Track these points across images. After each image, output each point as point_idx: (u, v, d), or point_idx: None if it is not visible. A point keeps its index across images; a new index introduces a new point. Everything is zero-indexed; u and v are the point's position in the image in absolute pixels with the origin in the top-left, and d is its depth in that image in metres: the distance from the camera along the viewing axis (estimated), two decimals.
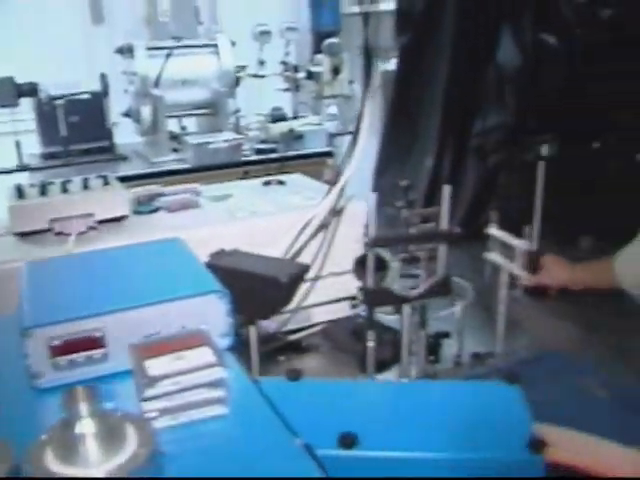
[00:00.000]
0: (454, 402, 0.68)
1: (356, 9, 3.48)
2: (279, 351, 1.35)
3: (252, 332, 0.97)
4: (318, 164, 2.95)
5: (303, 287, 1.29)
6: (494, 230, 1.05)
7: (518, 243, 0.98)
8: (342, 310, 1.38)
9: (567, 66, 1.86)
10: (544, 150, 1.50)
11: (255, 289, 0.88)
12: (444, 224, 0.90)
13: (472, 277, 1.28)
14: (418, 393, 0.71)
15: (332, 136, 3.12)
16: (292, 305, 1.26)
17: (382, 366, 1.12)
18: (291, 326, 1.38)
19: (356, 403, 0.68)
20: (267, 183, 1.66)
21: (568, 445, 0.62)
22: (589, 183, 1.81)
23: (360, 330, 1.18)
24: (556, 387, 0.88)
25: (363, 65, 1.19)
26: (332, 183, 2.97)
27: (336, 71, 3.08)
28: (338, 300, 1.37)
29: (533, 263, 1.57)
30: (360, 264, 0.91)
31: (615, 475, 0.60)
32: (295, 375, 0.71)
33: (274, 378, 0.77)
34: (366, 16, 1.10)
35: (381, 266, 0.95)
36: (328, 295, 1.38)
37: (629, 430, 0.77)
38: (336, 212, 1.24)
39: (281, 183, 1.65)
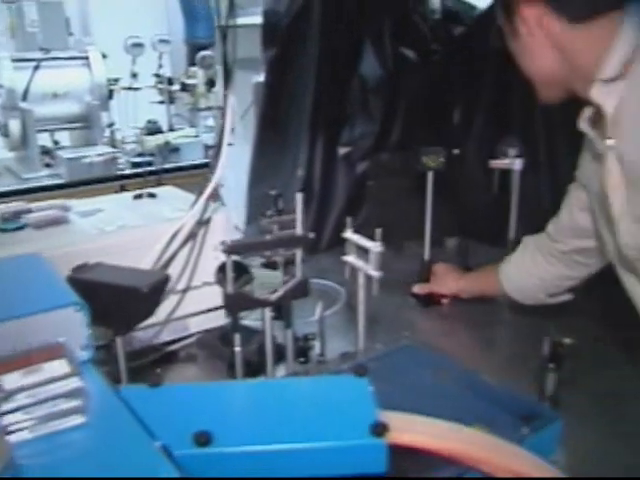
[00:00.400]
0: (305, 396, 0.72)
1: (231, 21, 3.52)
2: (156, 363, 1.35)
3: (119, 344, 0.98)
4: (196, 176, 2.96)
5: (174, 298, 1.32)
6: (349, 234, 1.12)
7: (371, 245, 1.05)
8: (219, 318, 1.40)
9: (425, 78, 1.98)
10: (431, 160, 1.58)
11: (117, 300, 0.90)
12: (299, 230, 0.95)
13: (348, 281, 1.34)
14: (273, 390, 0.74)
15: (209, 148, 3.14)
16: (163, 316, 1.28)
17: (259, 369, 1.16)
18: (168, 337, 1.40)
19: (214, 403, 0.70)
20: (138, 197, 1.65)
21: (408, 427, 0.67)
22: (451, 187, 1.92)
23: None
24: (410, 377, 0.95)
25: (223, 78, 1.22)
26: (211, 195, 2.96)
27: (211, 83, 3.10)
28: (211, 310, 1.39)
29: (425, 272, 1.66)
30: (221, 271, 0.94)
31: (448, 449, 0.66)
32: (156, 381, 0.73)
33: (135, 386, 0.79)
34: (222, 29, 1.14)
35: (243, 273, 0.99)
36: (202, 304, 1.40)
37: (475, 416, 0.85)
38: (203, 222, 1.26)
39: (152, 196, 1.65)
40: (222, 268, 0.93)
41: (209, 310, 1.39)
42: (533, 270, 1.42)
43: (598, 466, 1.05)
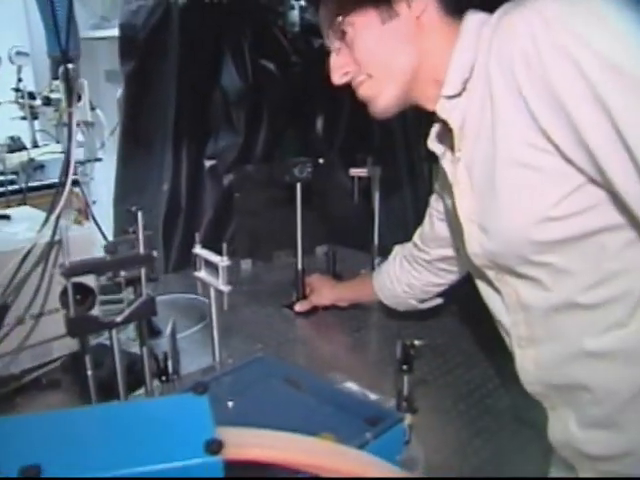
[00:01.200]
0: (140, 419, 0.70)
1: (95, 34, 3.42)
2: (17, 392, 1.29)
3: None
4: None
5: (29, 323, 1.27)
6: (198, 249, 1.11)
7: (217, 260, 1.04)
8: None
9: (286, 90, 2.00)
10: (299, 171, 1.59)
11: None
12: (141, 248, 0.93)
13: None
14: (108, 415, 0.72)
15: (79, 164, 3.03)
16: (16, 343, 1.22)
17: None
18: (30, 364, 1.34)
19: (46, 434, 0.68)
20: None
21: (243, 442, 0.68)
22: (319, 196, 1.96)
23: (99, 359, 1.17)
24: (260, 389, 0.96)
25: (66, 96, 1.19)
26: (82, 211, 2.86)
27: (77, 97, 2.99)
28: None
29: (300, 282, 1.67)
30: (65, 294, 0.91)
31: (283, 459, 0.67)
32: (9, 412, 0.70)
33: None
34: (61, 45, 1.10)
35: (89, 294, 0.97)
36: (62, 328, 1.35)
37: (323, 424, 0.86)
38: (55, 243, 1.21)
39: (5, 218, 1.58)
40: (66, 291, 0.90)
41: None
42: (402, 278, 1.47)
43: (456, 461, 1.10)
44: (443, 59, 0.93)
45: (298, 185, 1.59)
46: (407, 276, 1.46)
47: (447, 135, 0.96)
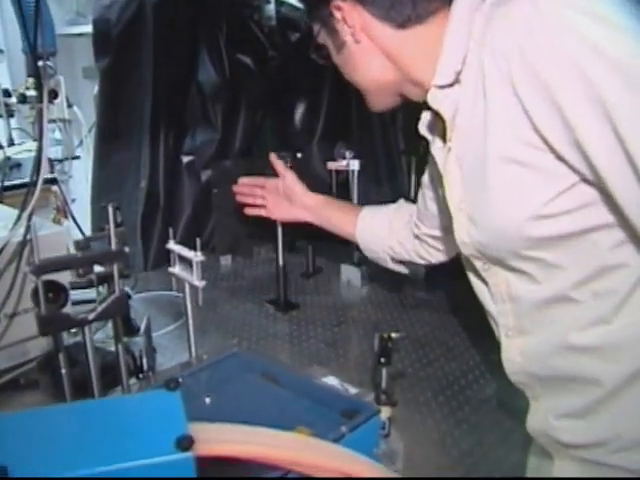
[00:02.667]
0: (111, 417, 0.70)
1: (72, 30, 3.39)
2: None
3: None
4: (43, 191, 2.82)
5: (3, 323, 1.25)
6: (172, 245, 1.10)
7: (191, 255, 1.03)
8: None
9: (264, 84, 1.99)
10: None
11: None
12: (113, 244, 0.92)
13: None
14: (79, 414, 0.72)
15: (56, 162, 3.00)
16: None
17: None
18: (6, 364, 1.33)
19: (14, 435, 0.67)
20: None
21: (215, 437, 0.67)
22: None
23: (74, 358, 1.15)
24: (236, 385, 0.95)
25: (38, 92, 1.17)
26: (60, 210, 2.82)
27: (54, 94, 2.96)
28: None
29: (282, 277, 1.66)
30: (37, 293, 0.90)
31: (255, 454, 0.67)
32: None
33: None
34: (29, 41, 1.09)
35: (61, 292, 0.96)
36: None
37: (298, 418, 0.86)
38: (27, 242, 1.20)
39: None
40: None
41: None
42: (394, 235, 1.34)
43: (436, 453, 1.10)
44: (420, 60, 0.93)
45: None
46: (396, 234, 1.34)
47: (438, 124, 0.95)
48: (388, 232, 1.34)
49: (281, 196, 1.50)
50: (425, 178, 1.22)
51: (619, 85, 0.68)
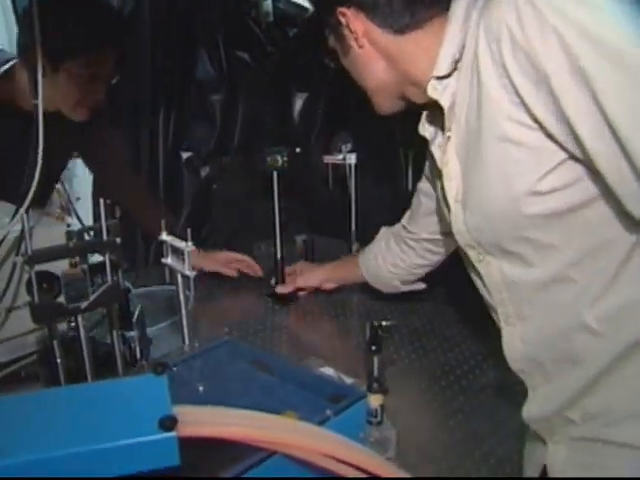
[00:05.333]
0: (98, 399, 0.71)
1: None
2: None
3: None
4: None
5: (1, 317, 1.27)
6: (164, 236, 1.11)
7: (182, 245, 1.05)
8: None
9: (262, 80, 2.01)
10: (274, 160, 1.59)
11: None
12: (104, 235, 0.94)
13: None
14: (66, 396, 0.73)
15: None
16: None
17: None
18: (5, 358, 1.34)
19: (1, 418, 0.69)
20: None
21: (197, 419, 0.68)
22: (297, 185, 1.96)
23: (71, 348, 1.17)
24: (226, 371, 0.96)
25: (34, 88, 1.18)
26: (64, 208, 2.85)
27: None
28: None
29: (280, 271, 1.68)
30: (31, 283, 0.91)
31: (235, 435, 0.68)
32: None
33: None
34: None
35: (54, 282, 0.97)
36: None
37: (285, 402, 0.87)
38: (24, 236, 1.21)
39: None
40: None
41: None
42: (388, 258, 1.51)
43: (429, 441, 1.11)
44: (419, 63, 0.96)
45: (275, 174, 1.60)
46: (393, 256, 1.50)
47: (438, 117, 0.98)
48: (383, 263, 1.52)
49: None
50: (423, 177, 1.27)
51: (596, 56, 0.70)
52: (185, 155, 2.00)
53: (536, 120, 0.78)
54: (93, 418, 0.67)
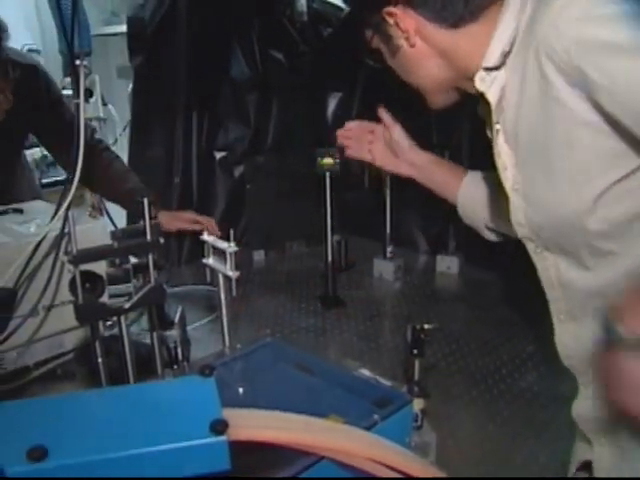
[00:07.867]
0: (147, 401, 0.71)
1: (107, 30, 3.43)
2: (33, 383, 1.31)
3: None
4: (79, 188, 2.86)
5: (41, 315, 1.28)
6: (205, 236, 1.11)
7: (225, 246, 1.04)
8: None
9: (296, 80, 2.00)
10: (326, 161, 1.58)
11: None
12: (148, 236, 0.93)
13: None
14: (116, 398, 0.73)
15: None
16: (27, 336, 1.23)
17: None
18: (43, 355, 1.35)
19: (53, 417, 0.68)
20: (3, 212, 1.59)
21: (248, 423, 0.68)
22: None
23: (109, 349, 1.17)
24: (270, 374, 0.96)
25: (75, 87, 1.19)
26: (95, 207, 2.87)
27: (89, 93, 3.01)
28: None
29: (331, 273, 1.66)
30: (74, 282, 0.91)
31: (286, 440, 0.67)
32: None
33: None
34: (66, 37, 1.10)
35: (98, 282, 0.97)
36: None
37: (331, 406, 0.86)
38: (65, 235, 1.21)
39: (18, 211, 1.59)
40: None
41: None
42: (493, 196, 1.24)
43: (469, 446, 1.10)
44: (474, 57, 0.92)
45: (327, 175, 1.57)
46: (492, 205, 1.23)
47: (485, 108, 0.95)
48: (486, 202, 1.24)
49: (387, 147, 1.37)
50: None
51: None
52: (219, 155, 2.01)
53: (611, 123, 0.76)
54: (144, 420, 0.67)
